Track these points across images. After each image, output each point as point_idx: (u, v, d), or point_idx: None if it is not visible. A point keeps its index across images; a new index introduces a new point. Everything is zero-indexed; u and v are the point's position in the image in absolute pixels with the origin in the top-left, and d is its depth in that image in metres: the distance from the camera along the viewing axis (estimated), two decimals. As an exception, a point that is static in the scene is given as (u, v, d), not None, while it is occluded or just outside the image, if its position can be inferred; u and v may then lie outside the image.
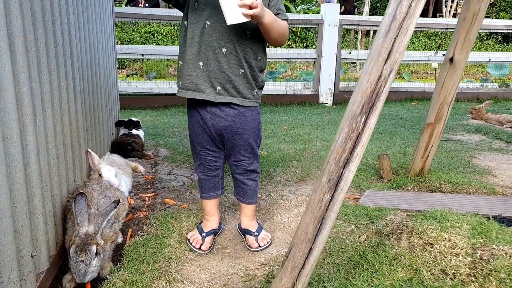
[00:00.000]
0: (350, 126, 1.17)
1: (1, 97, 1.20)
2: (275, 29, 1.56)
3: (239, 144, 1.74)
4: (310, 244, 1.25)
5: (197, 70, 1.62)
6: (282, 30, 1.60)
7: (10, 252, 1.21)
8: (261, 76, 1.71)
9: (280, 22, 1.59)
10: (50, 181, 1.61)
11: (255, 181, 1.88)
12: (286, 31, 1.62)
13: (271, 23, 1.53)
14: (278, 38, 1.61)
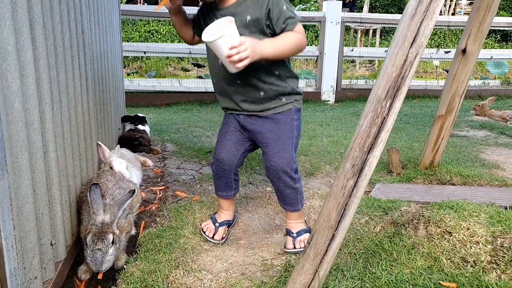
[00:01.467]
0: (375, 111, 1.17)
1: (23, 83, 1.19)
2: (283, 52, 1.52)
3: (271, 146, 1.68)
4: (333, 231, 1.25)
5: (220, 94, 1.73)
6: (293, 46, 1.52)
7: (32, 238, 1.21)
8: (287, 83, 1.65)
9: (286, 41, 1.50)
10: (66, 171, 1.61)
11: (293, 188, 1.71)
12: (298, 42, 1.52)
13: (275, 52, 1.48)
14: (293, 53, 1.55)
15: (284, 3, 1.51)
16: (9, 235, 1.01)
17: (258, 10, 1.51)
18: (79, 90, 1.86)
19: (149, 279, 1.46)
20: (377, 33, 13.67)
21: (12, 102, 1.11)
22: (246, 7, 1.52)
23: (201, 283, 1.48)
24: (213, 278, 1.51)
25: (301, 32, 1.52)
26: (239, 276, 1.53)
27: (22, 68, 1.18)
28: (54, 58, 1.48)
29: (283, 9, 1.50)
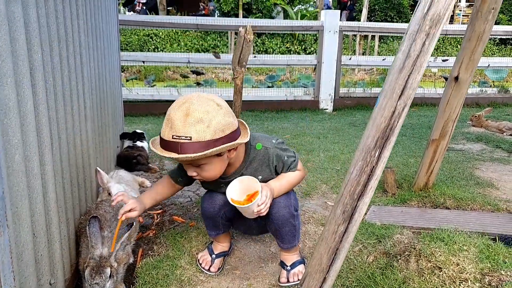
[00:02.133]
0: (365, 160, 1.21)
1: (24, 133, 1.23)
2: (288, 189, 1.71)
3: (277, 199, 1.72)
4: (324, 274, 1.29)
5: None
6: (295, 183, 1.73)
7: (32, 283, 1.24)
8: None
9: (290, 180, 1.70)
10: (64, 206, 1.64)
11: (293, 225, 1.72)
12: (299, 178, 1.73)
13: (281, 191, 1.68)
14: (295, 186, 1.76)
15: (284, 153, 1.69)
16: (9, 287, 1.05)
17: (267, 168, 1.68)
18: (77, 122, 1.90)
19: (146, 315, 1.49)
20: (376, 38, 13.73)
21: (13, 154, 1.15)
22: (255, 169, 1.67)
23: (197, 318, 1.51)
24: (209, 312, 1.55)
25: (302, 168, 1.74)
26: (234, 310, 1.57)
27: (22, 119, 1.22)
28: (53, 99, 1.52)
29: (285, 160, 1.68)
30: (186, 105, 1.40)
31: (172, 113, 1.41)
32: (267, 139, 1.70)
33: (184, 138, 1.38)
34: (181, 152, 1.39)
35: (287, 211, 1.68)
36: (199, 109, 1.39)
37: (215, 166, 1.54)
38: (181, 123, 1.38)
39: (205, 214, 1.81)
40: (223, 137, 1.43)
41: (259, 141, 1.66)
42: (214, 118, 1.41)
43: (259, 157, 1.67)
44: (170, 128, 1.41)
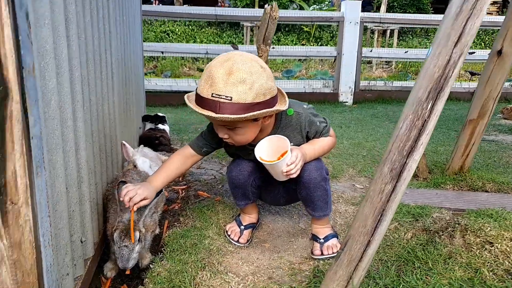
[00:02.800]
0: (416, 113, 1.13)
1: (59, 81, 1.19)
2: (320, 155, 1.66)
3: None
4: (369, 237, 1.21)
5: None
6: (327, 149, 1.68)
7: (65, 235, 1.20)
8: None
9: (324, 145, 1.65)
10: (94, 169, 1.60)
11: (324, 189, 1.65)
12: (331, 144, 1.68)
13: (314, 156, 1.62)
14: (325, 153, 1.71)
15: (316, 118, 1.63)
16: (46, 232, 1.01)
17: (298, 135, 1.63)
18: (105, 89, 1.86)
19: (176, 280, 1.44)
20: (394, 34, 13.51)
21: (49, 99, 1.11)
22: (286, 136, 1.56)
23: (228, 285, 1.45)
24: (240, 281, 1.49)
25: (333, 134, 1.69)
26: (266, 280, 1.50)
27: (58, 67, 1.18)
28: (85, 57, 1.48)
29: (318, 125, 1.63)
30: (229, 63, 1.35)
31: (214, 70, 1.35)
32: (298, 104, 1.64)
33: (224, 98, 1.32)
34: (219, 112, 1.34)
35: (319, 173, 1.61)
36: (242, 68, 1.34)
37: (249, 130, 1.49)
38: (223, 82, 1.32)
39: (234, 183, 1.75)
40: (263, 101, 1.38)
41: (290, 107, 1.59)
42: (257, 80, 1.35)
43: (291, 123, 1.62)
44: (210, 85, 1.35)
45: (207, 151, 1.74)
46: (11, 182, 0.90)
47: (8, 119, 0.88)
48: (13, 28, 0.86)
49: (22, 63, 0.89)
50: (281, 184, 1.74)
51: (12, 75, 0.87)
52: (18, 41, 0.88)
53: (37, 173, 0.96)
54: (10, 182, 0.90)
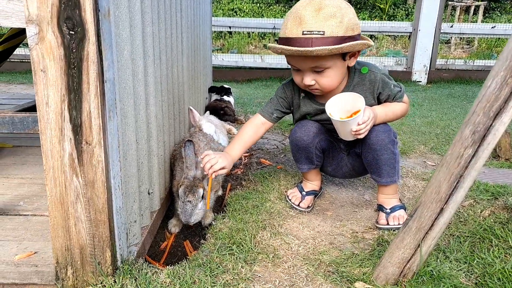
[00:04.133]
0: (509, 69, 1.00)
1: (132, 33, 1.22)
2: (391, 120, 1.61)
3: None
4: (442, 204, 1.12)
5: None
6: (399, 115, 1.61)
7: (134, 184, 1.25)
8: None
9: (395, 111, 1.59)
10: (162, 126, 1.65)
11: (392, 152, 1.57)
12: (403, 111, 1.62)
13: (385, 120, 1.57)
14: (397, 118, 1.63)
15: (391, 82, 1.58)
16: (116, 175, 1.05)
17: (370, 95, 1.58)
18: (175, 51, 1.90)
19: (237, 237, 1.46)
20: (479, 11, 12.36)
21: (122, 49, 1.14)
22: (359, 92, 1.55)
23: (288, 246, 1.44)
24: (301, 243, 1.47)
25: (407, 101, 1.62)
26: (327, 245, 1.47)
27: (131, 19, 1.21)
28: (156, 15, 1.50)
29: (392, 88, 1.57)
30: (315, 1, 1.37)
31: (301, 10, 1.38)
32: (372, 64, 1.60)
33: (316, 33, 1.35)
34: (313, 46, 1.34)
35: (386, 135, 1.55)
36: (331, 3, 1.37)
37: (336, 71, 1.49)
38: (313, 18, 1.35)
39: (298, 145, 1.71)
40: (353, 36, 1.39)
41: (365, 65, 1.57)
42: (346, 14, 1.38)
43: (363, 81, 1.57)
44: (299, 24, 1.37)
45: (277, 117, 1.74)
46: (86, 122, 0.95)
47: (85, 60, 0.92)
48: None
49: (98, 6, 0.92)
50: (345, 150, 1.72)
51: (89, 17, 0.90)
52: (95, -15, 0.91)
53: (109, 116, 1.00)
54: (86, 122, 0.95)
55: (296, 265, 1.33)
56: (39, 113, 0.94)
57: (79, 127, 0.95)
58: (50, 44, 0.90)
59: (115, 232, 1.06)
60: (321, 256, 1.38)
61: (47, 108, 0.93)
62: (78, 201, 0.99)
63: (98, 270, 1.04)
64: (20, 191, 1.57)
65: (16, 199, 1.49)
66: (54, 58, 0.91)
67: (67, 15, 0.89)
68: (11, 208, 1.41)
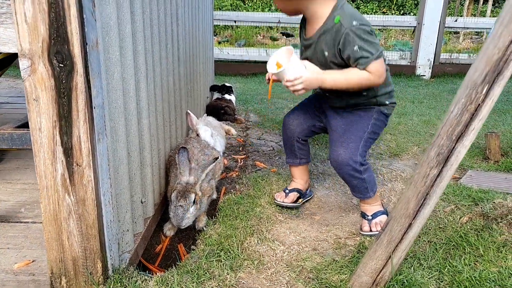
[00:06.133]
0: (469, 97, 1.07)
1: (122, 54, 1.30)
2: (343, 87, 1.54)
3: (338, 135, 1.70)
4: (410, 219, 1.20)
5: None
6: (354, 83, 1.52)
7: (126, 196, 1.35)
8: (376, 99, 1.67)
9: (349, 77, 1.51)
10: (156, 135, 1.74)
11: (359, 179, 1.64)
12: (362, 81, 1.50)
13: (334, 85, 1.54)
14: (356, 89, 1.57)
15: (358, 41, 1.45)
16: (106, 192, 1.14)
17: (332, 48, 1.54)
18: (171, 61, 1.97)
19: (225, 243, 1.55)
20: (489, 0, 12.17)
21: (112, 72, 1.22)
22: (325, 42, 1.56)
23: (273, 253, 1.53)
24: (285, 249, 1.56)
25: (374, 71, 1.47)
26: (311, 251, 1.55)
27: (121, 41, 1.29)
28: (149, 31, 1.58)
29: (354, 49, 1.46)
30: None
31: None
32: (350, 17, 1.47)
33: None
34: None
35: (350, 168, 1.61)
36: None
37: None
38: None
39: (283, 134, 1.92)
40: None
41: (340, 15, 1.49)
42: None
43: (331, 30, 1.52)
44: None
45: None
46: (76, 146, 1.04)
47: (74, 90, 1.00)
48: (78, 8, 0.97)
49: (86, 40, 1.00)
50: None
51: (77, 50, 0.98)
52: (83, 20, 0.99)
53: (98, 139, 1.08)
54: (76, 146, 1.04)
55: (279, 271, 1.42)
56: (32, 138, 1.03)
57: (70, 150, 1.04)
58: (42, 76, 0.99)
59: (106, 244, 1.16)
60: (303, 263, 1.46)
61: (40, 133, 1.02)
62: (71, 217, 1.08)
63: (90, 280, 1.14)
64: (22, 197, 1.68)
65: (18, 205, 1.59)
66: (46, 88, 1.00)
67: (57, 49, 0.97)
68: (13, 215, 1.52)
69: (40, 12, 0.93)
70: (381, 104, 1.68)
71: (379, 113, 1.69)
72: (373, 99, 1.67)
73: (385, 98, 1.68)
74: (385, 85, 1.63)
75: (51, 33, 0.96)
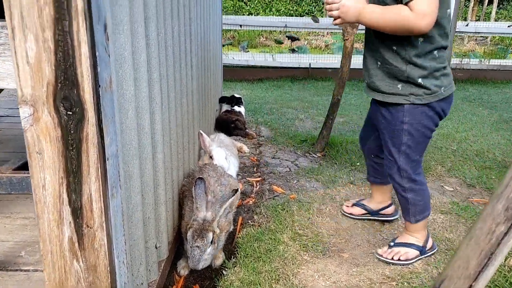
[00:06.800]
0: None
1: (137, 86, 1.14)
2: (380, 26, 1.38)
3: (383, 142, 1.63)
4: (471, 281, 1.04)
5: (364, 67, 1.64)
6: (392, 23, 1.33)
7: (140, 245, 1.19)
8: (406, 67, 1.42)
9: (388, 15, 1.33)
10: (171, 167, 1.58)
11: (402, 196, 1.59)
12: (401, 20, 1.30)
13: (371, 22, 1.39)
14: (396, 31, 1.35)
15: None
16: (121, 253, 0.99)
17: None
18: (184, 80, 1.82)
19: (248, 291, 1.39)
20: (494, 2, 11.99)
21: (127, 110, 1.07)
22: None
23: (302, 302, 1.37)
24: (315, 298, 1.40)
25: (418, 10, 1.26)
26: (343, 300, 1.40)
27: (136, 72, 1.13)
28: (164, 54, 1.42)
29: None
30: None
31: None
32: None
33: None
34: None
35: (395, 182, 1.60)
36: None
37: None
38: None
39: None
40: None
41: None
42: None
43: None
44: None
45: None
46: (87, 206, 0.88)
47: (84, 142, 0.84)
48: (90, 45, 0.81)
49: (98, 81, 0.84)
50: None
51: (88, 96, 0.82)
52: (95, 58, 0.83)
53: (112, 194, 0.92)
54: (86, 206, 0.88)
55: (310, 326, 1.26)
56: (35, 196, 0.87)
57: (79, 210, 0.88)
58: (46, 125, 0.83)
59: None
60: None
61: (44, 191, 0.87)
62: (79, 286, 0.93)
63: None
64: (23, 235, 1.52)
65: (18, 247, 1.44)
66: (51, 140, 0.84)
67: (64, 94, 0.82)
68: (12, 260, 1.36)
69: (45, 51, 0.77)
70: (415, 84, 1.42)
71: (411, 111, 1.45)
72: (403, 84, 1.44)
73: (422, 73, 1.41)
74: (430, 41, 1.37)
75: (58, 75, 0.80)
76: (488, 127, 3.60)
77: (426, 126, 1.49)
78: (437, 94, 1.44)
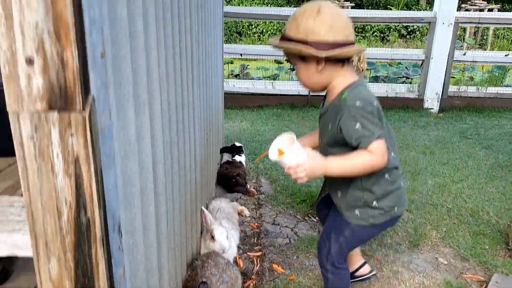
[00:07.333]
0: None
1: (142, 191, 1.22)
2: (349, 174, 1.49)
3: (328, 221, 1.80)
4: None
5: None
6: (360, 168, 1.45)
7: None
8: (363, 195, 1.58)
9: (354, 162, 1.44)
10: (174, 260, 1.64)
11: (323, 274, 1.78)
12: (367, 163, 1.43)
13: (340, 173, 1.48)
14: (364, 174, 1.49)
15: (359, 120, 1.41)
16: None
17: (334, 122, 1.50)
18: (188, 148, 1.86)
19: None
20: (489, 32, 12.03)
21: (130, 188, 1.09)
22: (332, 116, 1.52)
23: None
24: None
25: (376, 151, 1.40)
26: None
27: (140, 153, 1.16)
28: (168, 137, 1.46)
29: (355, 128, 1.42)
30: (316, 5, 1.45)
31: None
32: (355, 97, 1.43)
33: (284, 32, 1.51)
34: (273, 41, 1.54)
35: (321, 260, 1.75)
36: (299, 10, 1.46)
37: (303, 72, 1.53)
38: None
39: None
40: (304, 40, 1.41)
41: (348, 93, 1.46)
42: (305, 20, 1.41)
43: (337, 106, 1.49)
44: None
45: None
46: None
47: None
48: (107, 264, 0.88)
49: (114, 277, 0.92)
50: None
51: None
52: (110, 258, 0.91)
53: None
54: None
55: None
56: None
57: None
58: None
59: None
60: None
61: None
62: None
63: None
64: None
65: None
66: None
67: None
68: None
69: (66, 269, 0.85)
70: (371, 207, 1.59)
71: (366, 228, 1.64)
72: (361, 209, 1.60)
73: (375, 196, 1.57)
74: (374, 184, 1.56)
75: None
76: (484, 175, 3.66)
77: (370, 237, 1.87)
78: (390, 213, 1.61)
